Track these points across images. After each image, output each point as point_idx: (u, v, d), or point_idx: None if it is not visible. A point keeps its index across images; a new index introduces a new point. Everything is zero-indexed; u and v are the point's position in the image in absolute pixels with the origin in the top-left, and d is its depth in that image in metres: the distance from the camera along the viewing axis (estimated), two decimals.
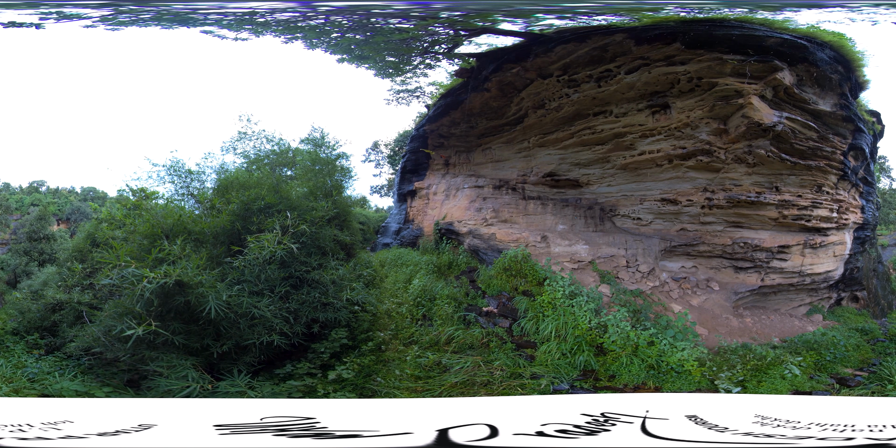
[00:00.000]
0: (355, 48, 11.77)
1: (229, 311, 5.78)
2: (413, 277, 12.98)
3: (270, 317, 6.30)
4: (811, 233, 11.85)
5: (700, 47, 9.13)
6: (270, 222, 7.76)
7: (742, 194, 10.82)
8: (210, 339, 5.82)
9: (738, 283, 11.75)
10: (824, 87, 10.16)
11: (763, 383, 7.15)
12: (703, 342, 8.68)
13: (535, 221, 14.27)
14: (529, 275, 10.83)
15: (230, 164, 12.72)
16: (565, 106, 12.13)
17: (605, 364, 7.43)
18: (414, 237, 18.47)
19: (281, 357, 6.74)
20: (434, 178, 18.78)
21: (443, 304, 10.21)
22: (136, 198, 9.87)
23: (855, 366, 8.72)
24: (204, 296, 5.50)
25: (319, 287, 7.82)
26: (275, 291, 6.95)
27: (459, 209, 16.61)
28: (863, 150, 11.87)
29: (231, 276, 6.63)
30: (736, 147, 10.20)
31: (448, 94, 15.81)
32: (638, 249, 12.11)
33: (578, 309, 8.57)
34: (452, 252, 15.53)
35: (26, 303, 9.29)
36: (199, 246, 7.34)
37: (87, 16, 9.25)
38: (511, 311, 10.01)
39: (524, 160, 15.52)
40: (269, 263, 6.92)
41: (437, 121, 16.69)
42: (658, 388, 6.96)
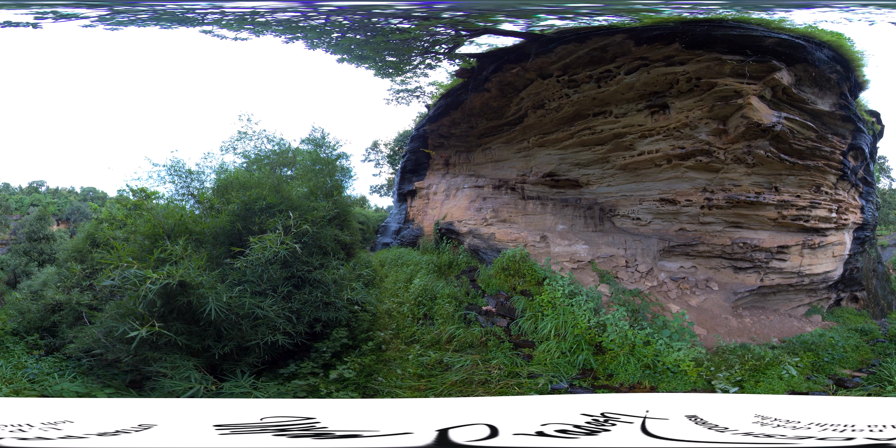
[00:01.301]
0: (355, 48, 11.80)
1: (230, 313, 5.80)
2: (413, 277, 12.95)
3: (274, 317, 6.35)
4: (810, 233, 11.85)
5: (699, 48, 9.13)
6: (272, 222, 7.76)
7: (741, 194, 10.84)
8: (211, 341, 5.81)
9: (737, 283, 11.74)
10: (823, 87, 10.14)
11: (761, 383, 7.16)
12: (700, 342, 8.71)
13: (534, 221, 14.30)
14: (528, 274, 10.85)
15: (230, 164, 12.70)
16: (565, 106, 12.16)
17: (604, 363, 7.53)
18: (414, 237, 18.47)
19: (283, 357, 6.80)
20: (434, 177, 18.79)
21: (444, 304, 10.22)
22: (136, 198, 9.86)
23: (854, 367, 8.69)
24: (205, 297, 5.51)
25: (321, 286, 7.86)
26: (277, 291, 6.98)
27: (459, 209, 16.63)
28: (862, 150, 11.85)
29: (232, 277, 6.64)
30: (735, 147, 10.21)
31: (448, 95, 15.87)
32: (637, 249, 12.10)
33: (578, 308, 8.63)
34: (452, 252, 15.49)
35: (26, 303, 9.33)
36: (200, 246, 7.35)
37: (84, 15, 9.23)
38: (509, 310, 10.06)
39: (524, 160, 15.54)
40: (272, 264, 6.91)
41: (438, 121, 16.72)
42: (654, 388, 7.04)
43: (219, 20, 9.75)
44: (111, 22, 9.62)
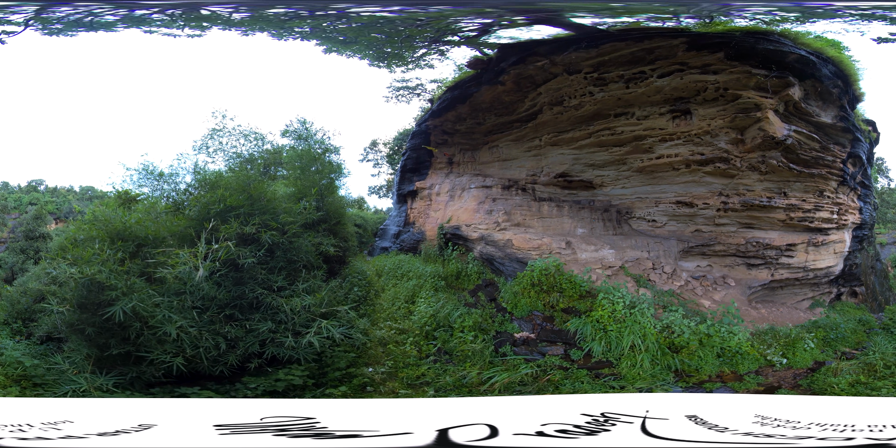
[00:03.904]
0: (342, 37, 10.82)
1: (136, 320, 5.93)
2: (417, 294, 11.24)
3: (182, 337, 6.00)
4: (814, 232, 13.28)
5: (736, 59, 10.05)
6: (226, 228, 7.15)
7: (755, 199, 12.11)
8: (115, 339, 5.97)
9: (750, 278, 13.02)
10: (826, 100, 11.43)
11: (797, 354, 9.12)
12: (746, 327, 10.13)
13: (551, 225, 14.48)
14: (567, 289, 10.06)
15: (206, 164, 11.94)
16: (586, 104, 12.54)
17: (685, 361, 8.30)
18: (415, 241, 17.63)
19: (189, 379, 6.28)
20: (437, 177, 18.16)
21: (466, 336, 8.72)
22: (115, 200, 9.83)
23: (851, 346, 10.44)
24: (117, 298, 5.95)
25: (279, 315, 6.85)
26: (208, 312, 6.50)
27: (467, 211, 15.92)
28: (860, 158, 13.41)
29: (171, 287, 6.57)
30: (751, 156, 11.34)
31: (455, 87, 15.10)
32: (659, 251, 13.03)
33: (641, 316, 8.94)
34: (460, 260, 14.07)
35: (16, 295, 10.32)
36: (141, 249, 7.13)
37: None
38: (557, 333, 9.29)
39: (534, 159, 15.49)
40: (206, 280, 6.55)
41: (442, 115, 16.17)
42: (735, 373, 8.24)
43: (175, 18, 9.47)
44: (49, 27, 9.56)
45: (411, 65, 13.22)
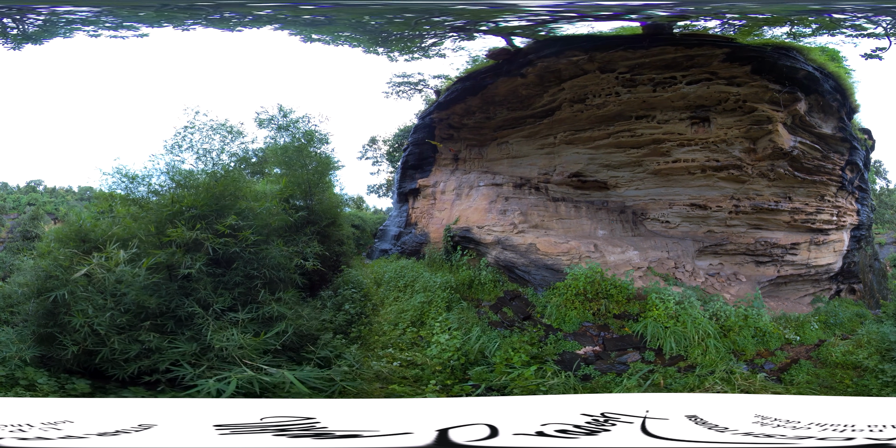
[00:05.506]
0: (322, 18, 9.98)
1: (63, 307, 6.63)
2: (426, 314, 9.41)
3: (86, 332, 6.40)
4: (815, 233, 14.69)
5: (759, 73, 11.02)
6: (175, 232, 7.04)
7: (764, 203, 13.41)
8: (50, 321, 6.76)
9: (759, 274, 14.19)
10: (826, 112, 12.70)
11: (806, 332, 10.73)
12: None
13: (571, 227, 14.68)
14: (616, 294, 9.99)
15: (179, 162, 11.41)
16: (610, 104, 12.99)
17: (736, 341, 9.21)
18: (417, 244, 16.62)
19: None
20: (441, 174, 17.45)
21: (525, 372, 6.83)
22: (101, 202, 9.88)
23: (847, 332, 11.84)
24: (57, 287, 6.96)
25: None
26: (126, 316, 6.68)
27: (477, 211, 15.22)
28: (857, 164, 14.89)
29: (103, 286, 6.98)
30: (761, 164, 12.57)
31: (468, 78, 14.48)
32: (678, 251, 13.79)
33: (692, 309, 9.56)
34: (471, 265, 12.76)
35: (9, 289, 11.06)
36: (94, 250, 7.57)
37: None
38: (624, 339, 9.19)
39: (546, 157, 15.41)
40: (144, 287, 6.79)
41: (449, 108, 15.63)
42: (767, 350, 9.40)
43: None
44: None
45: (417, 54, 12.13)
